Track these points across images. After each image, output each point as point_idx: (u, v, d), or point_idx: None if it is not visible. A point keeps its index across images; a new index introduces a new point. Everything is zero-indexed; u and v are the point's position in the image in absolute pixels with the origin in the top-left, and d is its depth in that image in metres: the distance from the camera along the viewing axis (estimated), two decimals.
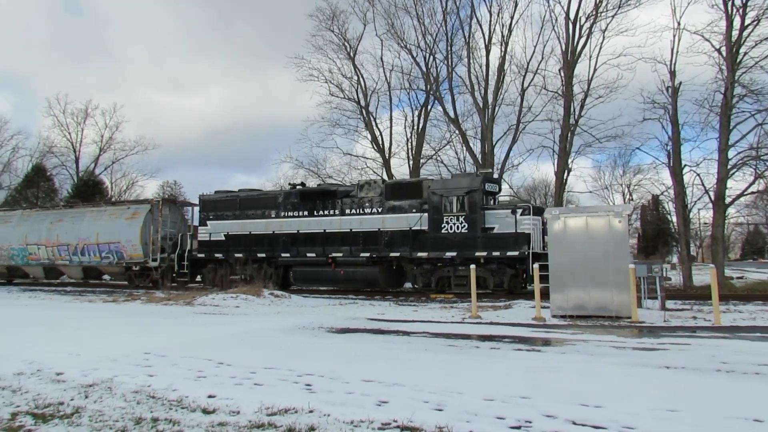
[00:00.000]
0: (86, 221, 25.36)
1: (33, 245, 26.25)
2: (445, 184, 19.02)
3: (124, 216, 24.43)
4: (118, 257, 23.96)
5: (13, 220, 28.41)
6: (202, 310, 14.30)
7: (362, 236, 19.14)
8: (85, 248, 24.71)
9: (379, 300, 17.46)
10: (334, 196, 20.13)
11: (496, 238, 17.49)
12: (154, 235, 23.20)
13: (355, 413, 4.44)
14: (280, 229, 20.55)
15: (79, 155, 47.94)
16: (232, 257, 21.37)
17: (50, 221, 26.46)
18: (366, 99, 30.15)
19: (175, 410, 4.67)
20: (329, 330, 9.98)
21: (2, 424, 4.36)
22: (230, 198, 22.47)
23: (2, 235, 27.35)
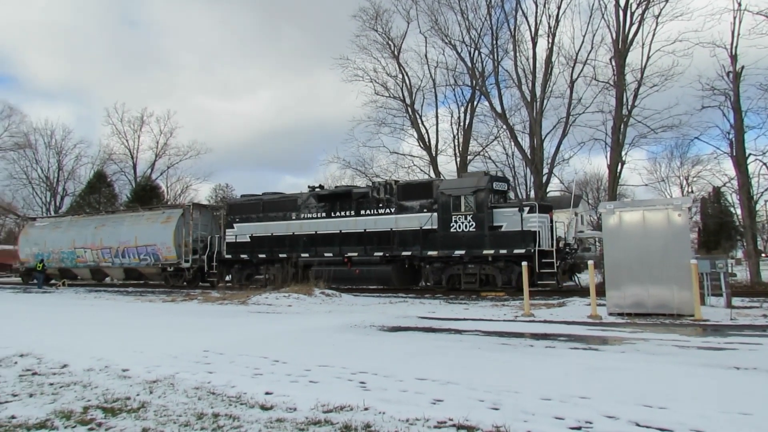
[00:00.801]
0: (126, 225, 27.22)
1: (80, 248, 28.35)
2: (453, 184, 19.47)
3: (160, 220, 26.10)
4: (155, 259, 25.54)
5: (63, 225, 30.80)
6: (256, 309, 14.63)
7: (376, 236, 19.80)
8: (125, 251, 26.55)
9: (429, 298, 17.42)
10: (350, 197, 20.80)
11: (503, 236, 17.74)
12: (186, 238, 24.78)
13: (410, 411, 4.44)
14: (300, 230, 21.51)
15: (136, 161, 50.01)
16: (256, 258, 22.43)
17: (95, 226, 28.53)
18: (411, 97, 30.14)
19: (234, 406, 4.79)
20: (380, 328, 10.02)
21: (75, 416, 4.57)
22: (254, 201, 23.53)
23: (54, 240, 29.55)
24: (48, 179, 51.18)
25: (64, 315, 13.92)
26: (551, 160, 25.48)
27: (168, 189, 49.66)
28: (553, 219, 18.25)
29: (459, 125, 30.15)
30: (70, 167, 51.66)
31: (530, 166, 25.46)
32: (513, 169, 27.10)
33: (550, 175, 25.52)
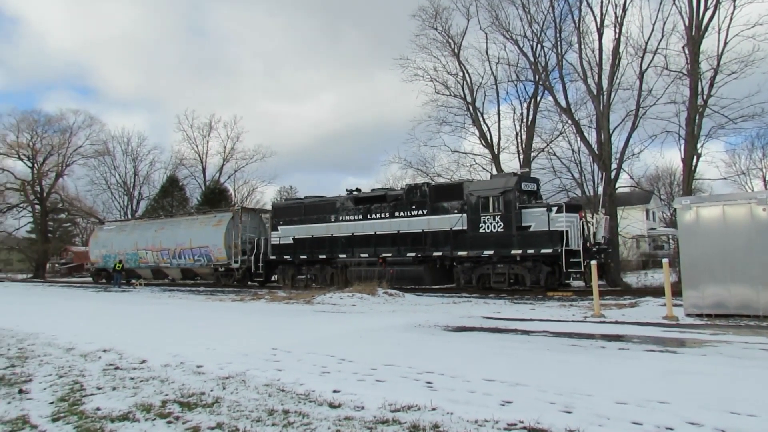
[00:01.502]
0: (182, 228, 28.89)
1: (142, 250, 30.40)
2: (482, 185, 19.66)
3: (212, 223, 27.62)
4: (207, 260, 27.05)
5: (127, 229, 33.06)
6: (321, 308, 14.86)
7: (409, 237, 20.32)
8: (181, 252, 28.20)
9: (493, 298, 17.14)
10: (385, 200, 21.44)
11: (531, 236, 17.83)
12: (235, 240, 26.00)
13: (479, 412, 4.37)
14: (338, 232, 22.22)
15: (205, 165, 52.00)
16: (298, 258, 23.49)
17: (155, 229, 30.45)
18: (472, 94, 29.74)
19: (303, 403, 4.87)
20: (445, 328, 9.94)
21: (155, 410, 4.79)
22: (297, 205, 24.74)
23: (119, 242, 31.79)
24: (125, 184, 54.13)
25: (142, 313, 14.65)
26: (620, 154, 24.41)
27: (235, 192, 51.37)
28: (583, 218, 18.07)
29: (522, 122, 29.49)
30: (145, 172, 54.49)
31: (598, 162, 24.50)
32: (579, 165, 26.16)
33: (619, 170, 24.46)
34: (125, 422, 4.47)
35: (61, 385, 5.82)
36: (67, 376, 6.25)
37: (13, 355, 7.69)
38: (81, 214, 53.53)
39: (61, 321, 12.39)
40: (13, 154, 54.16)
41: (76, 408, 4.93)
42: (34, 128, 54.17)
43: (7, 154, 54.08)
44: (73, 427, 4.39)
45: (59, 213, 56.06)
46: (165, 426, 4.34)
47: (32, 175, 54.37)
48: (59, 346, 8.40)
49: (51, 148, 54.32)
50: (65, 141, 54.32)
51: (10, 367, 6.88)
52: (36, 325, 11.22)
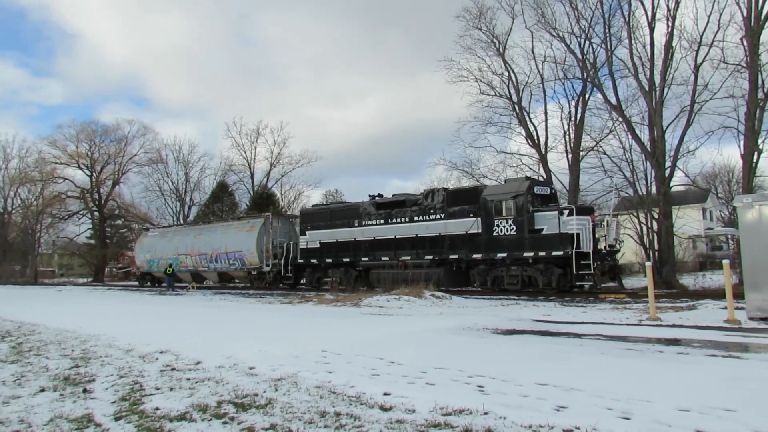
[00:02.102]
0: (218, 234, 30.33)
1: (182, 255, 31.95)
2: (496, 189, 20.16)
3: (245, 229, 28.84)
4: (241, 263, 28.18)
5: (169, 235, 34.82)
6: (368, 311, 14.92)
7: (428, 240, 20.91)
8: (218, 256, 29.51)
9: (542, 301, 16.81)
10: (404, 205, 22.13)
11: (542, 239, 18.16)
12: (266, 244, 27.16)
13: (533, 417, 4.28)
14: (361, 236, 23.04)
15: (253, 171, 53.20)
16: (324, 262, 24.48)
17: (193, 235, 32.13)
18: (518, 94, 29.34)
19: (354, 406, 4.89)
20: (494, 331, 9.81)
21: (211, 410, 4.90)
22: (323, 210, 25.94)
23: (162, 247, 33.54)
24: (177, 190, 55.95)
25: (195, 315, 15.07)
26: (674, 152, 23.55)
27: (282, 196, 52.29)
28: (594, 221, 18.39)
29: (570, 120, 28.88)
30: (196, 179, 56.20)
31: (650, 160, 23.71)
32: (631, 164, 25.38)
33: (674, 168, 23.60)
34: (183, 422, 4.59)
35: (122, 385, 6.04)
36: (127, 377, 6.48)
37: (77, 356, 8.04)
38: (136, 220, 55.58)
39: (119, 323, 12.87)
40: (73, 164, 56.95)
41: (137, 407, 5.11)
42: (93, 138, 56.85)
43: (67, 163, 56.94)
44: (135, 426, 4.55)
45: (116, 219, 58.45)
46: (221, 426, 4.44)
47: (91, 184, 56.98)
48: (119, 347, 8.73)
49: (108, 157, 56.88)
50: (121, 150, 56.79)
51: (75, 367, 7.19)
52: (97, 327, 11.69)
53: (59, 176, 57.21)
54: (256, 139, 52.81)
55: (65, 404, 5.32)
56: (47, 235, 62.40)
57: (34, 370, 7.08)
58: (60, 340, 9.77)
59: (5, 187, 63.25)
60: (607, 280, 18.41)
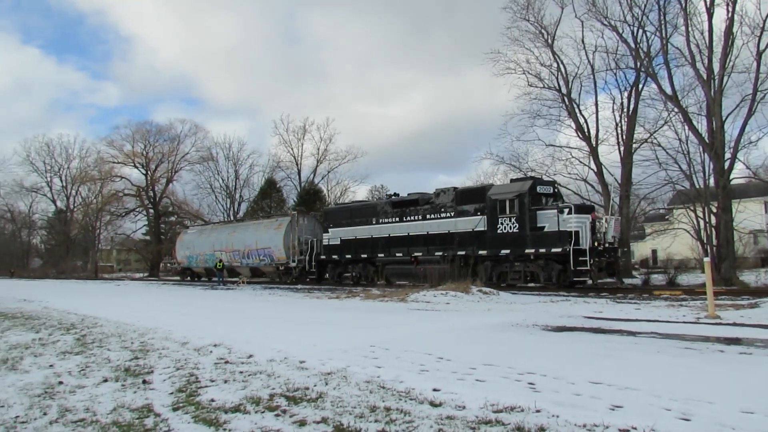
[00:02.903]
0: (249, 231, 31.92)
1: (218, 251, 33.60)
2: (500, 189, 20.79)
3: (273, 227, 30.41)
4: (270, 259, 30.01)
5: (206, 232, 36.85)
6: (415, 306, 14.93)
7: (438, 237, 21.81)
8: (249, 253, 31.26)
9: (594, 297, 16.42)
10: (417, 203, 23.17)
11: (542, 236, 18.76)
12: (293, 241, 28.57)
13: (587, 416, 4.18)
14: (378, 233, 24.15)
15: (300, 167, 53.98)
16: (344, 258, 25.74)
17: (228, 232, 33.88)
18: (567, 86, 28.67)
19: (404, 401, 4.90)
20: (544, 328, 9.64)
21: (263, 403, 5.01)
22: (344, 209, 27.35)
23: (200, 244, 35.56)
24: (227, 187, 57.40)
25: (246, 310, 15.45)
26: (734, 143, 22.51)
27: (329, 192, 52.87)
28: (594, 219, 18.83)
29: (622, 112, 28.05)
30: (245, 176, 57.51)
31: (709, 152, 22.71)
32: (687, 156, 24.37)
33: (734, 160, 22.56)
34: (237, 413, 4.71)
35: (179, 377, 6.25)
36: (184, 369, 6.69)
37: (136, 348, 8.37)
38: (189, 217, 57.31)
39: (174, 317, 13.31)
40: (129, 163, 59.18)
41: (193, 399, 5.27)
42: (147, 138, 58.90)
43: (124, 162, 59.21)
44: (192, 416, 4.69)
45: (170, 216, 60.41)
46: (273, 418, 4.53)
47: (146, 182, 59.06)
48: (175, 340, 9.03)
49: (162, 156, 58.83)
50: (174, 149, 58.64)
51: (134, 359, 7.49)
52: (154, 320, 12.14)
53: (117, 175, 59.66)
54: (302, 136, 53.59)
55: (126, 394, 5.54)
56: (106, 232, 65.24)
57: (97, 361, 7.41)
58: (120, 333, 10.19)
59: (67, 186, 66.55)
60: (604, 276, 18.89)
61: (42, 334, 10.43)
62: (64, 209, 67.85)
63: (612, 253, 19.00)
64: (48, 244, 74.58)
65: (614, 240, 19.31)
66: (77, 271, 60.50)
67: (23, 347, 8.88)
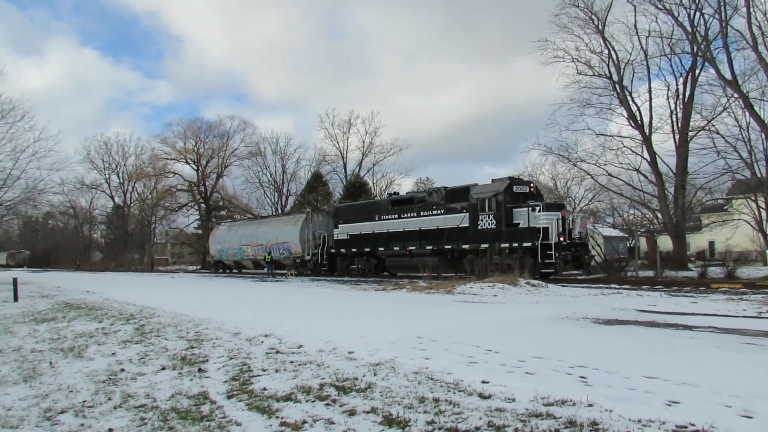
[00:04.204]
0: (270, 227, 34.66)
1: (245, 246, 36.42)
2: (481, 188, 22.18)
3: (291, 223, 32.97)
4: (288, 253, 32.36)
5: (234, 228, 39.48)
6: (461, 298, 14.86)
7: (429, 233, 23.62)
8: (271, 247, 33.48)
9: (647, 290, 15.96)
10: (413, 201, 25.27)
11: (516, 232, 20.34)
12: (308, 236, 30.97)
13: (642, 411, 4.08)
14: (380, 229, 26.22)
15: (346, 161, 54.40)
16: (350, 251, 27.99)
17: (253, 228, 36.52)
18: (619, 73, 27.81)
19: (452, 393, 4.91)
20: (595, 321, 9.44)
21: (314, 392, 5.12)
22: (352, 206, 30.02)
23: (229, 239, 38.29)
24: (275, 182, 58.45)
25: (294, 301, 15.73)
26: None
27: (374, 185, 53.08)
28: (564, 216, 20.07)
29: (677, 98, 27.02)
30: (292, 170, 58.38)
31: None
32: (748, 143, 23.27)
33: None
34: (289, 402, 4.82)
35: (232, 366, 6.44)
36: (236, 358, 6.89)
37: (191, 338, 8.67)
38: (238, 211, 58.65)
39: (226, 308, 13.70)
40: (181, 159, 61.07)
41: (246, 387, 5.43)
42: (198, 135, 60.57)
43: (177, 159, 61.15)
44: (245, 404, 4.84)
45: (220, 210, 61.98)
46: (324, 408, 4.62)
47: (197, 177, 60.80)
48: (227, 330, 9.30)
49: (212, 152, 60.41)
50: (223, 144, 60.10)
51: (190, 348, 7.76)
52: (207, 311, 12.54)
53: (170, 171, 61.65)
54: (348, 130, 53.94)
55: (183, 382, 5.76)
56: (161, 226, 67.64)
57: (155, 350, 7.72)
58: (176, 323, 10.57)
59: (124, 182, 69.21)
60: (570, 268, 20.20)
61: (104, 324, 10.94)
62: (121, 205, 70.66)
63: (578, 248, 20.39)
64: (107, 239, 77.88)
65: (580, 235, 20.65)
66: (134, 264, 62.95)
67: (88, 336, 9.34)
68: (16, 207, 39.04)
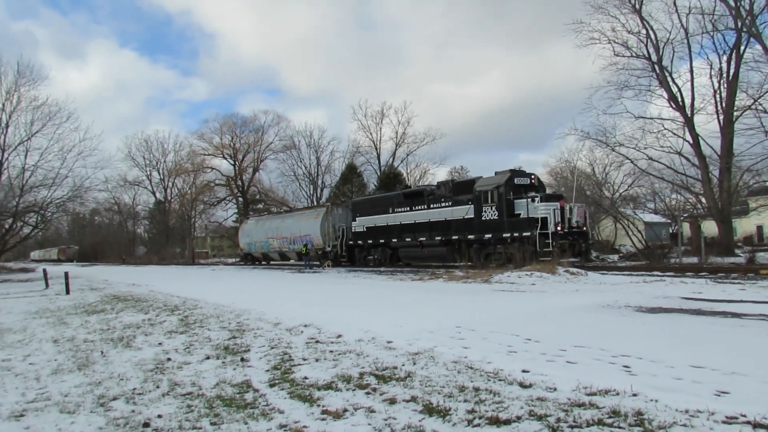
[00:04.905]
0: (294, 220, 36.34)
1: (271, 239, 38.26)
2: (484, 181, 23.07)
3: (312, 216, 34.33)
4: (311, 245, 33.65)
5: (261, 222, 41.30)
6: (499, 287, 14.75)
7: (438, 224, 24.72)
8: (295, 239, 35.34)
9: (691, 277, 15.51)
10: (423, 195, 26.35)
11: (517, 222, 21.17)
12: (328, 229, 32.37)
13: (689, 401, 3.99)
14: (393, 221, 27.50)
15: (379, 152, 54.43)
16: (366, 243, 29.45)
17: (278, 222, 38.43)
18: (658, 53, 26.93)
19: (492, 382, 4.89)
20: (638, 309, 9.24)
21: (354, 381, 5.18)
22: (368, 200, 31.53)
23: (257, 233, 40.31)
24: (310, 174, 58.96)
25: (332, 291, 15.89)
26: None
27: (408, 175, 52.95)
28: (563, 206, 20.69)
29: (721, 77, 26.00)
30: (326, 162, 58.79)
31: None
32: None
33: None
34: (330, 391, 4.89)
35: (273, 356, 6.56)
36: (277, 348, 7.02)
37: (233, 328, 8.87)
38: (275, 204, 59.46)
39: (266, 298, 13.95)
40: (218, 154, 62.21)
41: (288, 376, 5.53)
42: (234, 130, 61.57)
43: (214, 154, 62.31)
44: (287, 392, 4.93)
45: (257, 203, 62.95)
46: (364, 396, 4.67)
47: (234, 172, 61.88)
48: (268, 320, 9.47)
49: (248, 147, 61.38)
50: (259, 139, 60.97)
51: (232, 338, 7.94)
52: (247, 302, 12.79)
53: (208, 166, 62.89)
54: (381, 120, 53.90)
55: (227, 371, 5.90)
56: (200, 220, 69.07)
57: (199, 340, 7.93)
58: (218, 314, 10.82)
59: (165, 178, 70.92)
60: (568, 256, 20.50)
61: (150, 315, 11.29)
62: (162, 200, 72.47)
63: (575, 236, 21.07)
64: (150, 233, 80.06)
65: (578, 224, 21.21)
66: (176, 258, 64.62)
67: (135, 327, 9.66)
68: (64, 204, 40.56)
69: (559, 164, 45.44)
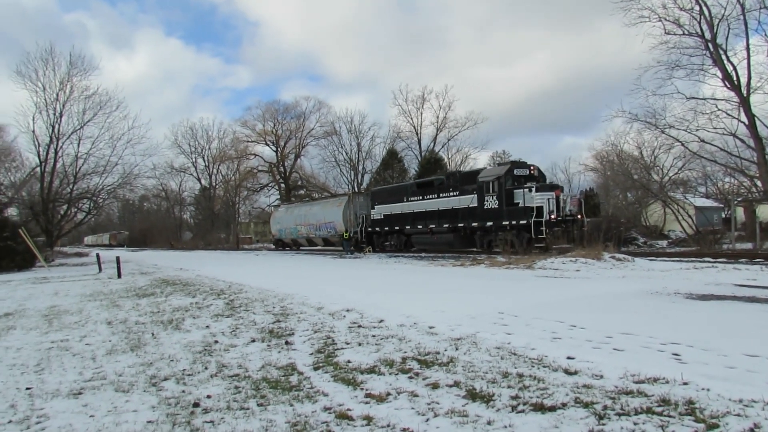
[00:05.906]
0: (320, 208, 38.08)
1: (299, 225, 40.04)
2: (487, 172, 25.00)
3: (336, 204, 36.03)
4: (334, 231, 35.53)
5: (291, 209, 43.12)
6: (542, 273, 14.54)
7: (446, 213, 26.29)
8: (320, 226, 37.08)
9: (745, 263, 14.92)
10: (433, 185, 27.85)
11: (515, 211, 22.46)
12: (349, 216, 34.00)
13: (743, 391, 3.86)
14: (407, 209, 29.16)
15: (420, 137, 54.17)
16: (383, 230, 31.36)
17: (306, 209, 40.28)
18: (712, 30, 25.67)
19: (537, 368, 4.84)
20: (688, 296, 8.96)
21: (396, 365, 5.21)
22: (386, 189, 32.98)
23: (287, 220, 42.20)
24: (351, 160, 59.20)
25: (374, 277, 15.99)
26: None
27: (449, 160, 52.55)
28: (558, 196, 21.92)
29: None
30: (367, 148, 58.89)
31: None
32: None
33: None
34: (373, 374, 4.94)
35: (317, 339, 6.67)
36: (321, 332, 7.12)
37: (277, 312, 9.04)
38: (316, 190, 60.10)
39: (308, 283, 14.15)
40: (261, 141, 63.23)
41: (331, 359, 5.61)
42: (276, 117, 62.36)
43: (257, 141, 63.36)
44: (331, 375, 5.01)
45: (299, 189, 63.74)
46: (407, 380, 4.70)
47: (277, 158, 62.78)
48: (311, 305, 9.62)
49: (290, 133, 62.10)
50: (300, 125, 61.59)
51: (276, 322, 8.10)
52: (290, 286, 13.01)
53: (251, 153, 64.00)
54: (422, 105, 53.55)
55: (272, 354, 6.03)
56: (244, 206, 70.55)
57: (245, 324, 8.12)
58: (262, 298, 11.05)
59: (209, 165, 72.53)
60: (563, 242, 22.02)
61: (197, 299, 11.63)
62: (207, 187, 74.21)
63: (569, 224, 22.25)
64: (196, 219, 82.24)
65: (571, 212, 22.34)
66: (221, 243, 66.18)
67: (183, 310, 9.97)
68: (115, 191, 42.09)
69: (605, 147, 44.15)
